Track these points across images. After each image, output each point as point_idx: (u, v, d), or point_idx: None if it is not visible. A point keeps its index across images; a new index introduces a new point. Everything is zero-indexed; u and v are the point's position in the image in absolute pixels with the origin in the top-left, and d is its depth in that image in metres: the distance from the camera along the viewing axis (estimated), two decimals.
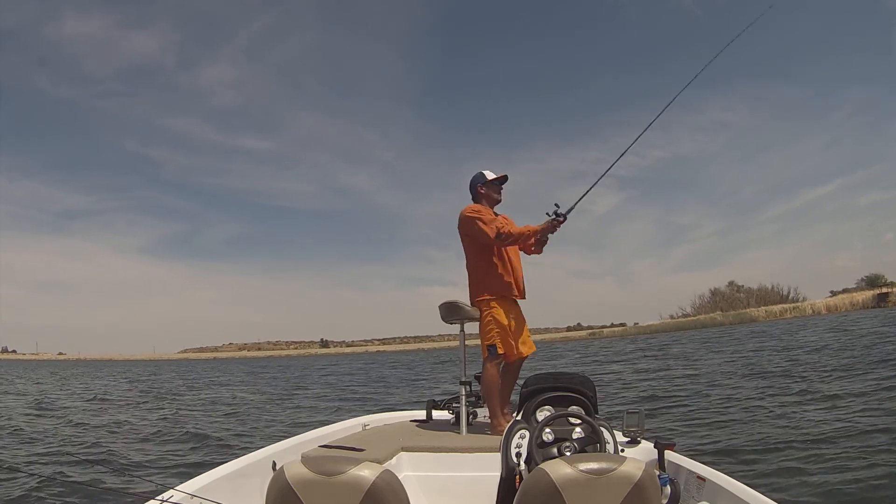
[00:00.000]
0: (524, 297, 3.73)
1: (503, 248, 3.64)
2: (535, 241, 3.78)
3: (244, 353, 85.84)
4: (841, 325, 21.66)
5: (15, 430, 8.05)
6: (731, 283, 58.68)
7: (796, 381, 8.85)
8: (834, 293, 48.92)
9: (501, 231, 3.52)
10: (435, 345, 69.75)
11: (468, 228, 3.62)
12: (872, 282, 47.90)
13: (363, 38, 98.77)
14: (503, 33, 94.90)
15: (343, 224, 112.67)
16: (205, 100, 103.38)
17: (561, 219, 3.61)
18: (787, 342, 17.03)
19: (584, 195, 3.70)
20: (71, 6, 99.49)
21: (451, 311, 3.72)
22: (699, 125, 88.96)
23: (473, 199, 3.80)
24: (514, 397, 3.18)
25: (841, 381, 8.42)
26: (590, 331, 64.42)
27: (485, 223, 3.54)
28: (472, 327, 3.74)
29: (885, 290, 41.95)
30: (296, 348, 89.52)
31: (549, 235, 3.72)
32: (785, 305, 46.66)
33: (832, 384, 8.18)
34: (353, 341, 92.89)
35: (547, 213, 3.63)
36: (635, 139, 3.86)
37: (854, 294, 44.49)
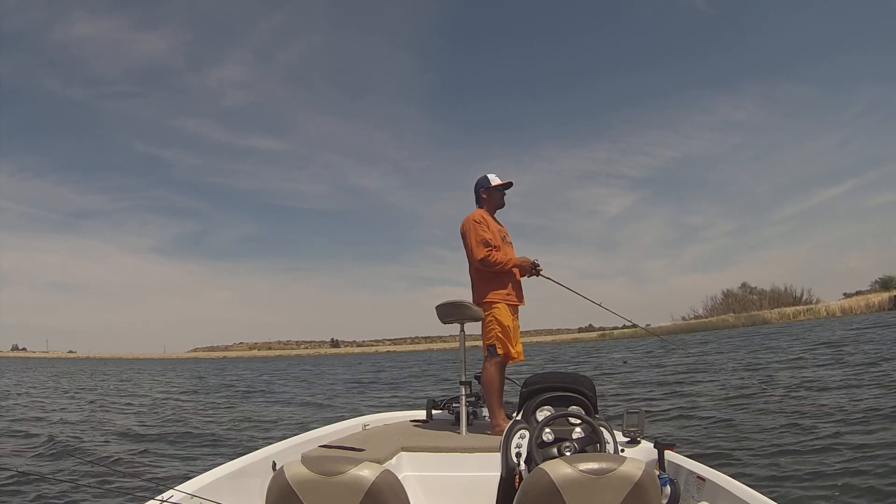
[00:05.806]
0: (524, 303, 3.73)
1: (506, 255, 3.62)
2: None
3: (254, 352, 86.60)
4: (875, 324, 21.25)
5: (16, 430, 8.10)
6: (743, 285, 58.05)
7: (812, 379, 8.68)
8: (848, 295, 48.32)
9: (488, 260, 3.51)
10: (445, 345, 69.80)
11: (463, 237, 3.64)
12: (886, 284, 47.13)
13: (374, 39, 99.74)
14: (514, 34, 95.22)
15: (354, 224, 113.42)
16: (215, 100, 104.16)
17: (537, 269, 3.70)
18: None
19: (560, 284, 3.86)
20: (80, 8, 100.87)
21: (451, 311, 3.66)
22: (711, 125, 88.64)
23: (476, 201, 3.80)
24: (513, 398, 3.14)
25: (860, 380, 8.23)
26: (601, 332, 64.12)
27: (477, 242, 3.53)
28: (471, 328, 3.72)
29: None
30: (306, 348, 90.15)
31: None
32: (798, 307, 46.01)
33: (847, 383, 8.01)
34: (363, 341, 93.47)
35: (535, 261, 3.70)
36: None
37: (869, 296, 43.84)
